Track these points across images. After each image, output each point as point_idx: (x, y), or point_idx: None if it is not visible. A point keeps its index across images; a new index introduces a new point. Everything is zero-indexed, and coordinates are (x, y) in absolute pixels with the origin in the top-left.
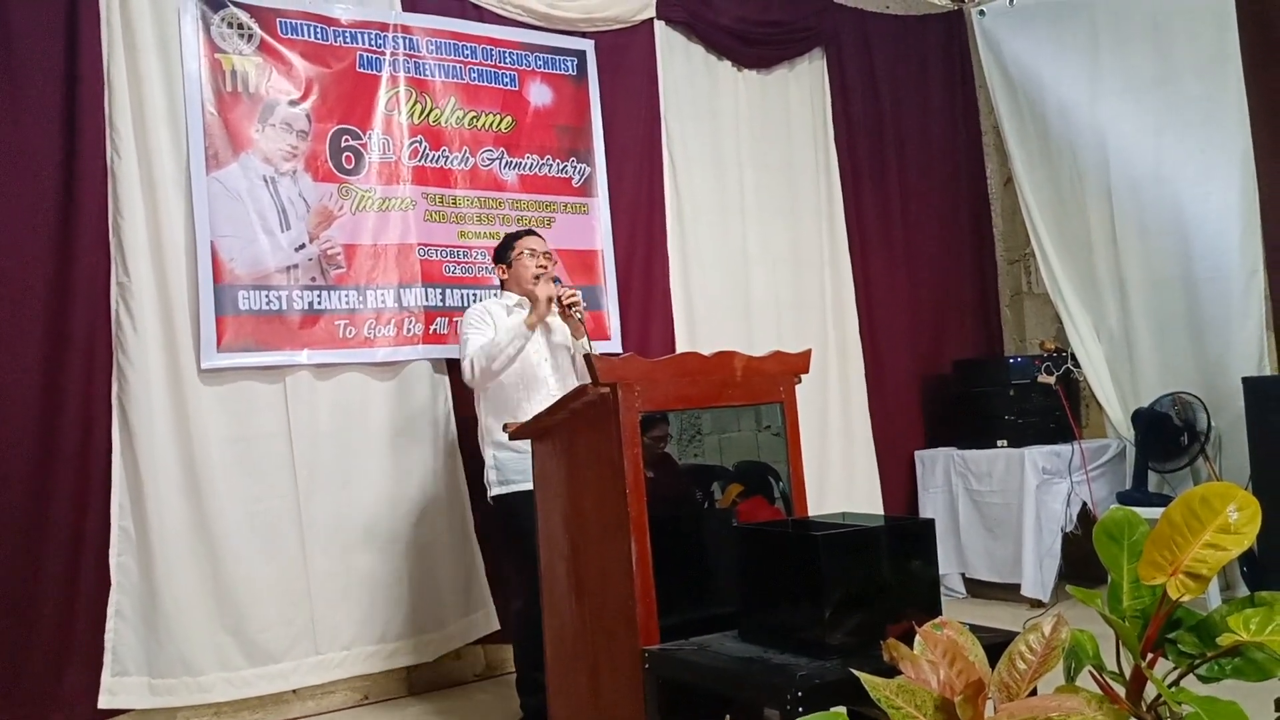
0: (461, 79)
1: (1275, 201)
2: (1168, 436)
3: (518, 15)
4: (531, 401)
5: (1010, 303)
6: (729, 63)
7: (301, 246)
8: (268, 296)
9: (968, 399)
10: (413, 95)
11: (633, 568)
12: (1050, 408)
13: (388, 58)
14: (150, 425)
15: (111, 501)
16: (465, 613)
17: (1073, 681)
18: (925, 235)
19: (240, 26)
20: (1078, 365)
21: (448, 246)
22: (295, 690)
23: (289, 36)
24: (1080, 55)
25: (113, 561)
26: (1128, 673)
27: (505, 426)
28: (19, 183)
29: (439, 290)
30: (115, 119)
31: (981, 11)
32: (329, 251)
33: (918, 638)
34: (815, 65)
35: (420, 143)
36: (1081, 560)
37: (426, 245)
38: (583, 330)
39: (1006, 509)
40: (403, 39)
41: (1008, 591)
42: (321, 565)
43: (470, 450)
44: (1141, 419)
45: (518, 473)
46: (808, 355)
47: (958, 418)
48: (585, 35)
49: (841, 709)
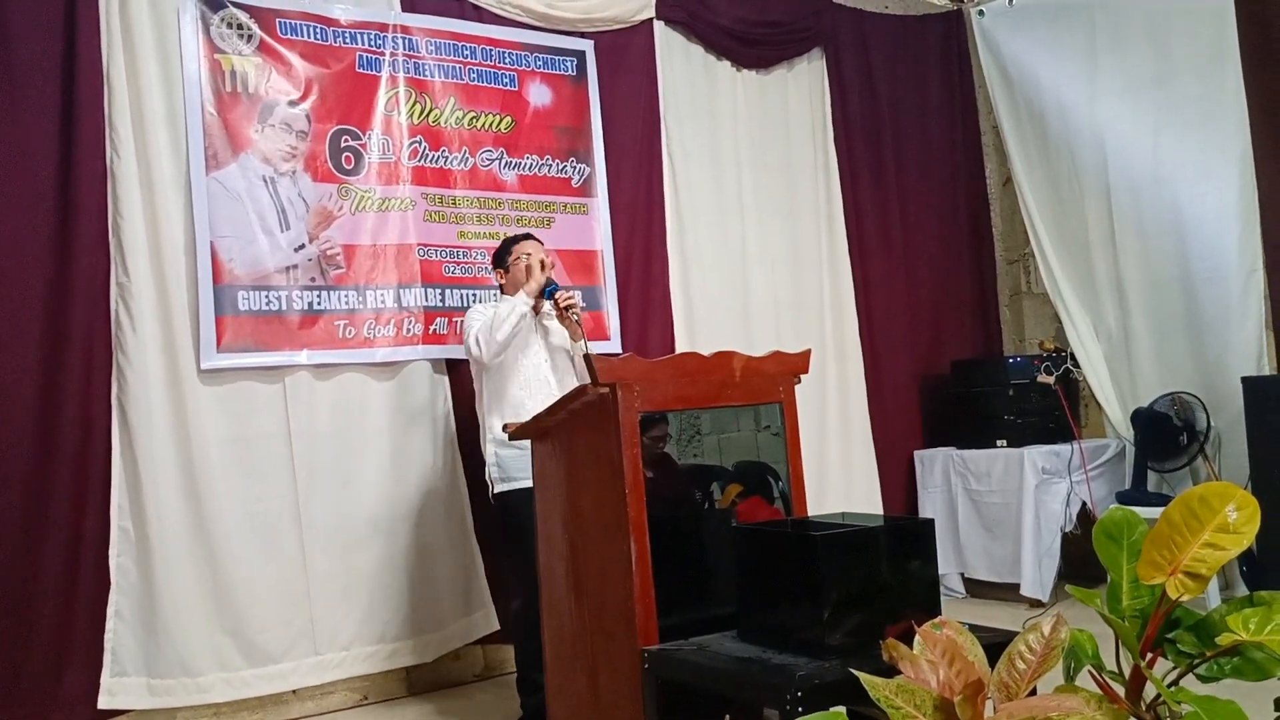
0: (461, 79)
1: (1274, 201)
2: (1167, 436)
3: (517, 15)
4: (534, 400)
5: (1009, 302)
6: (728, 63)
7: (301, 247)
8: (267, 297)
9: (967, 399)
10: (412, 95)
11: (632, 568)
12: (1049, 408)
13: (387, 58)
14: (150, 425)
15: (111, 502)
16: (465, 613)
17: (1072, 681)
18: (924, 235)
19: (240, 27)
20: (1077, 365)
21: (447, 247)
22: (294, 691)
23: (288, 37)
24: (1079, 55)
25: (112, 562)
26: (1127, 672)
27: (505, 427)
28: (18, 183)
29: (438, 290)
30: (115, 119)
31: (980, 11)
32: (328, 252)
33: (917, 638)
34: (814, 65)
35: (420, 143)
36: (1081, 560)
37: (426, 245)
38: (580, 332)
39: (1006, 509)
40: (402, 39)
41: (1007, 591)
42: (321, 566)
43: (470, 450)
44: (1141, 419)
45: (519, 470)
46: (807, 355)
47: (957, 418)
48: (584, 35)
49: (841, 709)
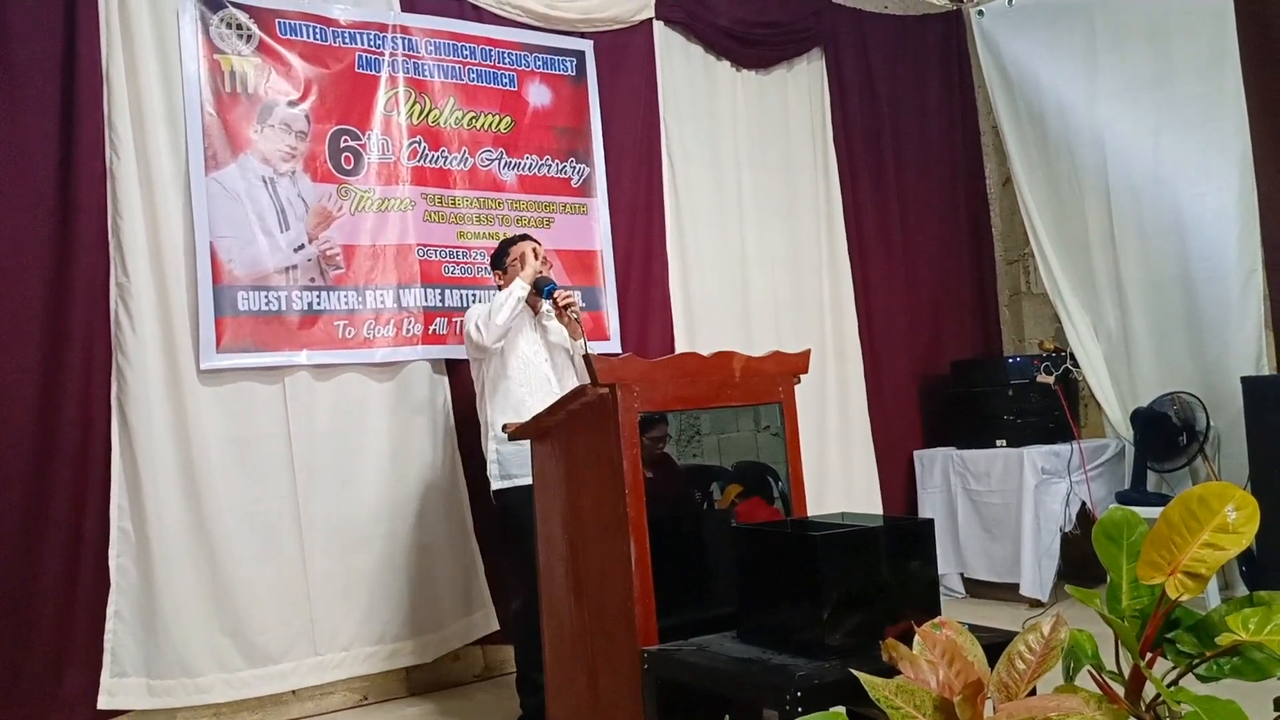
0: (460, 79)
1: (1273, 201)
2: (1166, 436)
3: (516, 15)
4: (534, 398)
5: (1009, 303)
6: (728, 63)
7: (300, 247)
8: (267, 297)
9: (966, 399)
10: (411, 96)
11: (631, 568)
12: (1049, 408)
13: (386, 58)
14: (149, 426)
15: (110, 502)
16: (464, 613)
17: (1072, 681)
18: (924, 235)
19: (239, 27)
20: (1076, 365)
21: (447, 247)
22: (294, 691)
23: (288, 37)
24: (1079, 55)
25: (112, 562)
26: (1126, 672)
27: (505, 427)
28: (18, 182)
29: (438, 291)
30: (114, 119)
31: (980, 11)
32: (328, 252)
33: (916, 638)
34: (814, 65)
35: (419, 143)
36: (1080, 560)
37: (425, 246)
38: (579, 330)
39: (1005, 509)
40: (401, 39)
41: (1006, 591)
42: (320, 566)
43: (469, 450)
44: (1140, 419)
45: (518, 466)
46: (806, 355)
47: (956, 418)
48: (584, 36)
49: (841, 709)
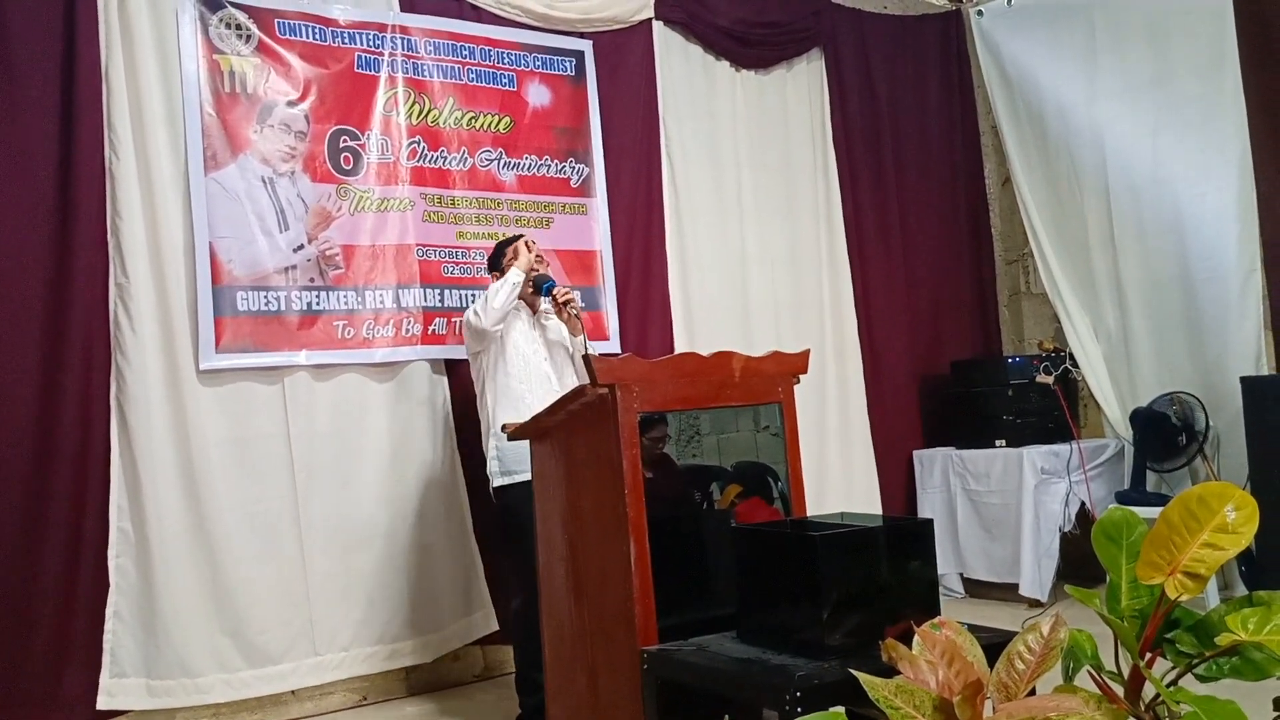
0: (460, 79)
1: (1273, 201)
2: (1166, 436)
3: (516, 16)
4: (534, 395)
5: (1008, 303)
6: (727, 63)
7: (300, 247)
8: (266, 297)
9: (966, 399)
10: (411, 96)
11: (631, 568)
12: (1048, 408)
13: (386, 58)
14: (149, 426)
15: (110, 502)
16: (464, 613)
17: (1071, 681)
18: (923, 235)
19: (238, 27)
20: (1076, 365)
21: (446, 247)
22: (294, 691)
23: (287, 37)
24: (1078, 56)
25: (111, 563)
26: (1126, 672)
27: (504, 427)
28: (17, 182)
29: (437, 291)
30: (113, 119)
31: (980, 12)
32: (327, 252)
33: (916, 638)
34: (813, 66)
35: (419, 143)
36: (1080, 560)
37: (425, 246)
38: (579, 327)
39: (1005, 509)
40: (401, 39)
41: (1006, 591)
42: (320, 566)
43: (469, 450)
44: (1140, 419)
45: (517, 463)
46: (806, 355)
47: (956, 418)
48: (583, 36)
49: (840, 709)
